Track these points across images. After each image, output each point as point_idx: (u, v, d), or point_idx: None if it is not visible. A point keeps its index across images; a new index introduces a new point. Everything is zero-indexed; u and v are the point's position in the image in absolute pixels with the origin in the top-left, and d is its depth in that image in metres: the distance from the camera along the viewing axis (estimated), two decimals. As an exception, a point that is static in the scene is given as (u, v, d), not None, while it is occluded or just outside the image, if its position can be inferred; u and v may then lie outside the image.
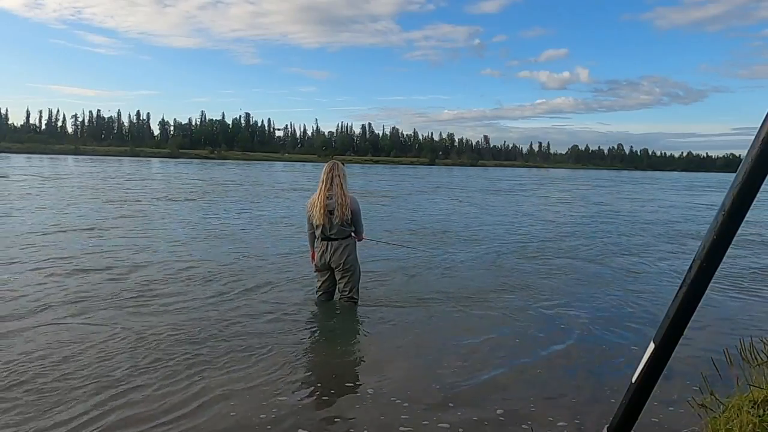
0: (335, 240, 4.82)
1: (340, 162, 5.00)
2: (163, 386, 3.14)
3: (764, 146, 0.68)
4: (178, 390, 3.10)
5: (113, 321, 4.32)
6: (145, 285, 5.54)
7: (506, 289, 5.95)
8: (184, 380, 3.24)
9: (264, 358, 3.67)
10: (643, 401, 0.86)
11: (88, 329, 4.11)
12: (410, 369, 3.63)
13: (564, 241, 9.81)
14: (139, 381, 3.19)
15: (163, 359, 3.54)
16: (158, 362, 3.49)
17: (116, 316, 4.44)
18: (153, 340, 3.90)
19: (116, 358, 3.55)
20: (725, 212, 0.73)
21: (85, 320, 4.34)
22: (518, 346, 4.14)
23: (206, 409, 2.90)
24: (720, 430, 2.40)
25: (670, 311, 0.81)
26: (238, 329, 4.24)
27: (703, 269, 0.76)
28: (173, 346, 3.80)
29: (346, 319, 4.74)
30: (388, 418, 2.88)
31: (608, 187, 36.41)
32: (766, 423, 2.34)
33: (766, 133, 0.67)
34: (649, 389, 0.86)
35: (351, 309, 4.88)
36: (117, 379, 3.21)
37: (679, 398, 3.07)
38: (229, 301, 5.07)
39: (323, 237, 4.84)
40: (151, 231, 9.45)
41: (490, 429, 2.82)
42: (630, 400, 0.87)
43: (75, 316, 4.45)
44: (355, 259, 4.95)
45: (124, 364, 3.45)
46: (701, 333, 4.34)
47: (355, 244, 4.97)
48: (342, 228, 4.78)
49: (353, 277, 4.91)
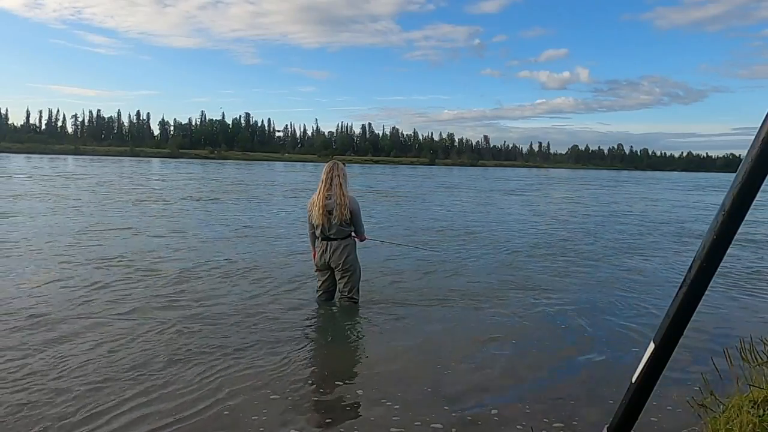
0: (335, 240, 4.82)
1: (341, 162, 5.01)
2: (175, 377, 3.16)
3: (764, 146, 0.68)
4: (182, 386, 3.11)
5: (155, 316, 4.53)
6: (184, 282, 5.77)
7: (511, 288, 5.95)
8: (186, 374, 3.25)
9: (256, 357, 3.67)
10: (643, 401, 0.86)
11: (132, 323, 4.32)
12: (404, 370, 3.62)
13: (581, 241, 9.87)
14: (168, 373, 3.22)
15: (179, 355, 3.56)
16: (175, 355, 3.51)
17: (157, 311, 4.67)
18: (179, 332, 4.15)
19: (156, 349, 3.77)
20: (725, 212, 0.73)
21: (130, 315, 4.54)
22: (516, 346, 4.13)
23: (198, 405, 2.90)
24: (720, 430, 2.39)
25: (670, 311, 0.81)
26: (232, 327, 4.24)
27: (703, 269, 0.75)
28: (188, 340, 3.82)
29: (343, 320, 4.74)
30: (379, 418, 2.88)
31: (616, 187, 36.50)
32: (766, 423, 2.33)
33: (766, 133, 0.67)
34: (649, 389, 0.85)
35: (350, 309, 4.88)
36: (158, 369, 3.43)
37: (679, 398, 3.07)
38: (223, 300, 5.07)
39: (323, 237, 4.84)
40: (186, 230, 9.73)
41: (485, 429, 2.81)
42: (630, 400, 0.87)
43: (120, 311, 4.64)
44: (355, 259, 4.94)
45: (162, 356, 3.65)
46: (701, 333, 4.34)
47: (355, 244, 4.96)
48: (341, 228, 4.78)
49: (353, 277, 4.90)
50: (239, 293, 5.36)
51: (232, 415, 2.85)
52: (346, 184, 4.83)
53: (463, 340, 4.23)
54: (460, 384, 3.37)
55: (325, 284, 5.02)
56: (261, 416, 2.86)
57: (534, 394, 3.24)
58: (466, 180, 41.58)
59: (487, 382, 3.42)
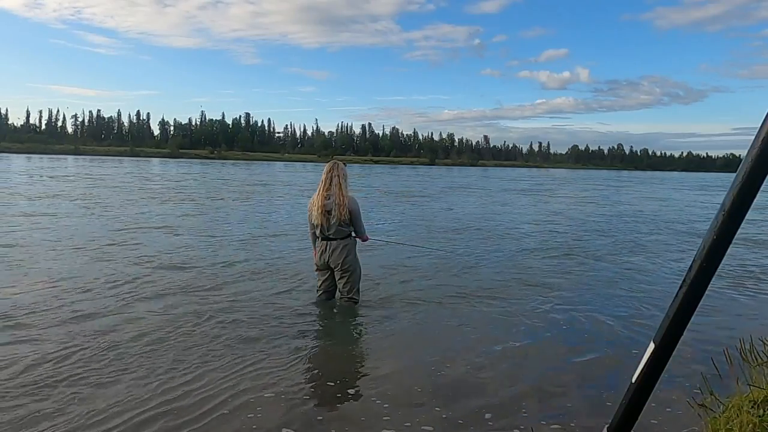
0: (334, 240, 4.82)
1: (342, 162, 5.00)
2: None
3: (764, 146, 0.68)
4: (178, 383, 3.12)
5: (192, 310, 4.72)
6: (218, 278, 5.96)
7: (514, 288, 5.94)
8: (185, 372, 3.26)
9: (250, 357, 3.67)
10: (643, 401, 0.86)
11: (172, 317, 4.49)
12: (398, 371, 3.59)
13: (595, 241, 9.90)
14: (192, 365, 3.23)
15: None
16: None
17: (195, 306, 4.86)
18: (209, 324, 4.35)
19: (194, 340, 3.97)
20: (725, 212, 0.73)
21: (171, 309, 4.72)
22: (515, 345, 4.12)
23: (197, 404, 2.91)
24: (720, 430, 2.40)
25: (670, 311, 0.81)
26: (228, 327, 4.25)
27: (703, 269, 0.76)
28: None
29: (342, 319, 4.73)
30: (369, 419, 2.86)
31: (623, 187, 36.48)
32: (766, 423, 2.34)
33: (766, 133, 0.67)
34: (649, 389, 0.85)
35: (350, 309, 4.88)
36: (199, 356, 3.66)
37: (679, 398, 3.07)
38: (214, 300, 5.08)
39: (322, 237, 4.84)
40: (216, 229, 10.00)
41: (484, 429, 2.79)
42: (630, 400, 0.87)
43: (161, 306, 4.83)
44: (355, 259, 4.94)
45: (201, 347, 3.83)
46: (701, 333, 4.33)
47: (354, 244, 4.96)
48: (340, 228, 4.78)
49: (352, 278, 4.90)
50: (238, 291, 5.35)
51: (229, 415, 2.85)
52: (346, 184, 4.82)
53: (459, 339, 4.22)
54: (455, 384, 3.35)
55: (325, 284, 5.02)
56: (256, 414, 2.86)
57: (534, 394, 3.23)
58: (474, 180, 41.55)
59: (486, 382, 3.40)
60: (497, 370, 3.63)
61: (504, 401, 3.13)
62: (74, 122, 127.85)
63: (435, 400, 3.11)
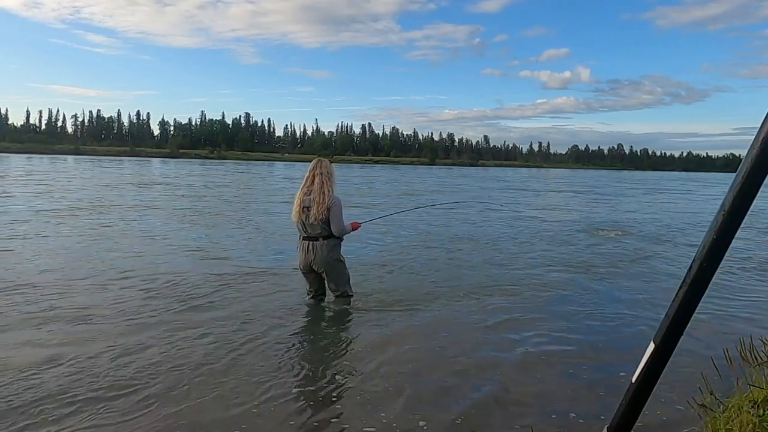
0: (316, 240, 4.64)
1: (327, 159, 4.91)
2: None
3: (764, 146, 0.68)
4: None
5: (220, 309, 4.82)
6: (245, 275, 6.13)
7: (517, 287, 5.92)
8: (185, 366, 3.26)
9: (238, 358, 3.65)
10: (643, 401, 0.86)
11: (203, 316, 4.58)
12: (394, 372, 3.56)
13: (608, 242, 9.87)
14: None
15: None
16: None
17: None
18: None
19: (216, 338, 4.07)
20: (725, 212, 0.73)
21: (200, 308, 4.81)
22: (514, 345, 4.11)
23: (195, 404, 2.90)
24: (720, 430, 2.40)
25: (670, 311, 0.81)
26: (225, 327, 4.24)
27: (703, 269, 0.76)
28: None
29: (337, 319, 4.66)
30: (356, 421, 2.84)
31: (640, 189, 35.79)
32: (766, 423, 2.34)
33: (766, 133, 0.67)
34: (649, 389, 0.86)
35: (341, 309, 4.77)
36: (234, 347, 3.84)
37: (679, 398, 3.07)
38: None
39: (304, 236, 4.68)
40: (256, 230, 10.22)
41: (485, 429, 2.79)
42: (630, 400, 0.87)
43: (190, 305, 4.89)
44: (339, 259, 4.74)
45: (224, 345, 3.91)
46: (701, 333, 4.33)
47: (339, 243, 4.75)
48: (322, 227, 4.59)
49: (339, 277, 4.75)
50: (240, 296, 5.35)
51: (227, 413, 2.85)
52: (330, 182, 4.63)
53: (455, 340, 4.20)
54: (449, 384, 3.34)
55: (314, 285, 4.88)
56: (244, 416, 2.85)
57: (533, 394, 3.22)
58: (481, 181, 41.47)
59: (487, 382, 3.39)
60: (497, 370, 3.62)
61: (504, 401, 3.12)
62: (74, 122, 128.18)
63: (431, 401, 3.09)
